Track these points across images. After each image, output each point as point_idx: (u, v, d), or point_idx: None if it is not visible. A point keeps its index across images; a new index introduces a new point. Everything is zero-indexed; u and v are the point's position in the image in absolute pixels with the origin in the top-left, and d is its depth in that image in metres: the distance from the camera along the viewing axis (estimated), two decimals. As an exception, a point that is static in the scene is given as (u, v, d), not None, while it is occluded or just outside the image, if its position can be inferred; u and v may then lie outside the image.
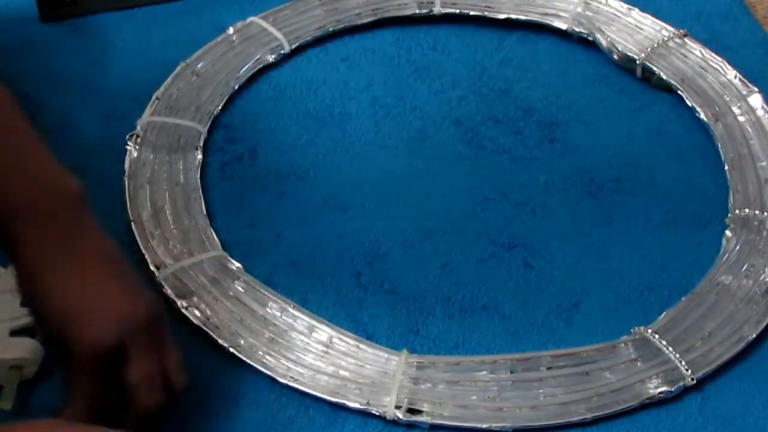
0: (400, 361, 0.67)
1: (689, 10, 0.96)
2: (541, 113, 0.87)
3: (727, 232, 0.76)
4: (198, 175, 0.79)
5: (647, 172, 0.83)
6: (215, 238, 0.75)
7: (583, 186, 0.81)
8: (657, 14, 0.92)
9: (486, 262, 0.76)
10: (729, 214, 0.78)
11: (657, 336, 0.69)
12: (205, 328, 0.69)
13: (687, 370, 0.67)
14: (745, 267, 0.74)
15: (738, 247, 0.75)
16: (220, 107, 0.85)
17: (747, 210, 0.77)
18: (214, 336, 0.69)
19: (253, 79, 0.89)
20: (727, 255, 0.75)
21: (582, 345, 0.70)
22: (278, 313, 0.70)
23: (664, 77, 0.87)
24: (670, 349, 0.68)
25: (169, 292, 0.71)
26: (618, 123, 0.87)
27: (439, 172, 0.82)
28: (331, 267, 0.75)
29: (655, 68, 0.88)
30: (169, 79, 0.86)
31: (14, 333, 0.66)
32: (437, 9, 0.93)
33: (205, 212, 0.77)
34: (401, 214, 0.79)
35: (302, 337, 0.69)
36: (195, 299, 0.71)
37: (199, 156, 0.81)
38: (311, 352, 0.68)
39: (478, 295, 0.74)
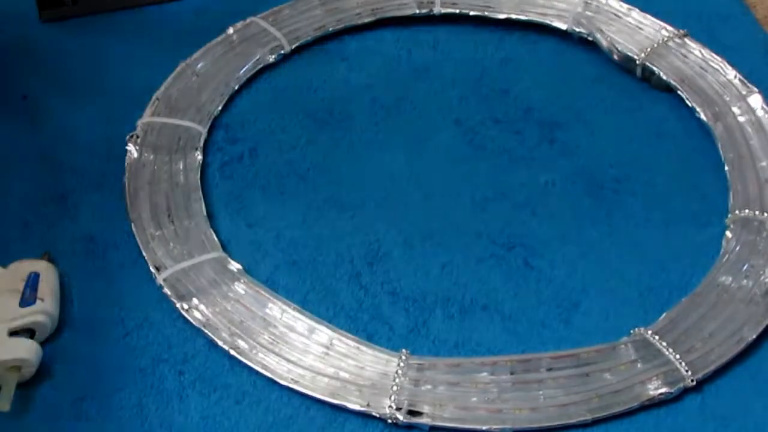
0: (400, 363, 0.67)
1: (689, 10, 0.96)
2: (541, 113, 0.87)
3: (727, 233, 0.76)
4: (198, 176, 0.79)
5: (647, 172, 0.83)
6: (215, 239, 0.75)
7: (583, 186, 0.81)
8: (657, 14, 0.92)
9: (486, 262, 0.76)
10: (729, 215, 0.78)
11: (657, 337, 0.69)
12: (205, 330, 0.69)
13: (687, 371, 0.67)
14: (745, 268, 0.74)
15: (738, 248, 0.75)
16: (220, 107, 0.85)
17: (747, 210, 0.77)
18: (214, 338, 0.69)
19: (253, 79, 0.89)
20: (727, 256, 0.75)
21: (582, 345, 0.70)
22: (278, 315, 0.70)
23: (664, 77, 0.87)
24: (671, 350, 0.68)
25: (169, 293, 0.71)
26: (618, 123, 0.87)
27: (439, 172, 0.82)
28: (331, 267, 0.75)
29: (655, 68, 0.88)
30: (169, 79, 0.86)
31: (13, 333, 0.66)
32: (437, 9, 0.93)
33: (205, 213, 0.77)
34: (401, 214, 0.79)
35: (302, 339, 0.69)
36: (195, 301, 0.71)
37: (199, 156, 0.81)
38: (311, 353, 0.68)
39: (478, 295, 0.74)
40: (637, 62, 0.89)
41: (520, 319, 0.72)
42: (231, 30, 0.90)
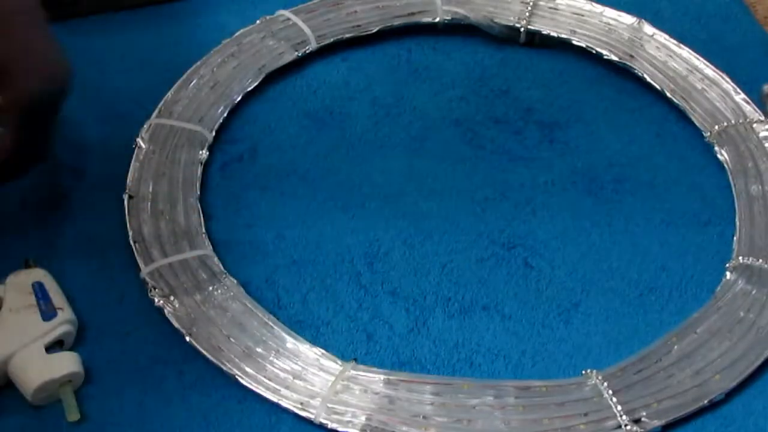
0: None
1: (689, 11, 0.96)
2: (541, 113, 0.87)
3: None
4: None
5: (647, 172, 0.83)
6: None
7: (583, 186, 0.81)
8: (656, 17, 0.92)
9: (486, 262, 0.76)
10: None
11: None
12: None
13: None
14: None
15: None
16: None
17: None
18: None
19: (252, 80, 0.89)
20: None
21: (582, 345, 0.70)
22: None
23: (554, 34, 0.90)
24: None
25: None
26: (618, 123, 0.87)
27: (439, 172, 0.82)
28: (331, 267, 0.75)
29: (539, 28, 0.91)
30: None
31: (48, 349, 0.66)
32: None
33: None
34: (401, 214, 0.79)
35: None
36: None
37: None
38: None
39: (478, 295, 0.74)
40: (521, 28, 0.91)
41: (520, 319, 0.72)
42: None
